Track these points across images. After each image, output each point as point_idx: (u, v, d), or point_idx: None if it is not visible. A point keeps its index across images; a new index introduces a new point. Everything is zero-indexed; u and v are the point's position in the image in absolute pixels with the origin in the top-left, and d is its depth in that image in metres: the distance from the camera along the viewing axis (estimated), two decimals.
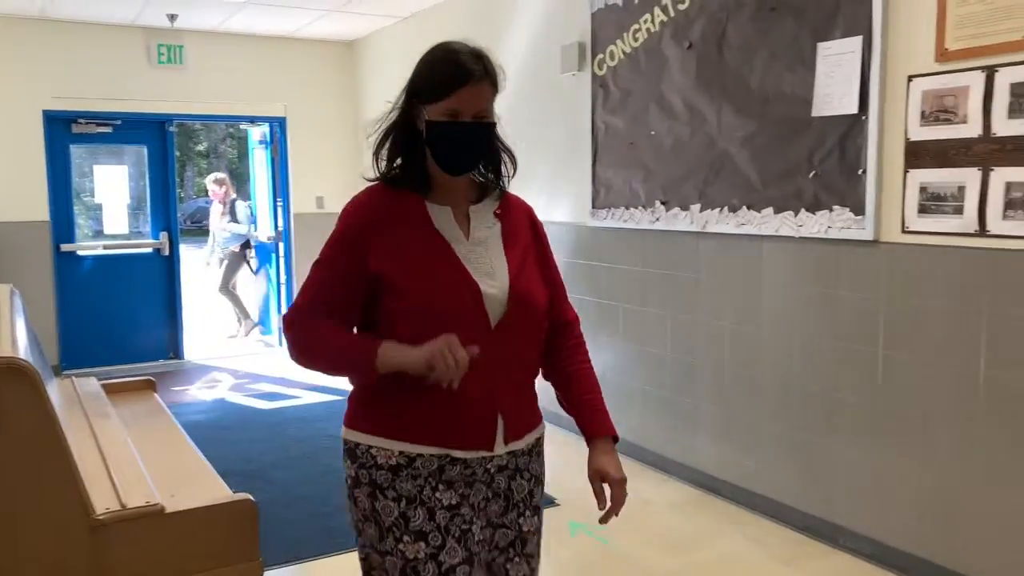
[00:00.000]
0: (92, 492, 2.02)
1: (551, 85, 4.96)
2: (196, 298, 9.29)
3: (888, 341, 3.16)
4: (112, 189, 6.99)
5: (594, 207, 4.66)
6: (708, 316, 3.96)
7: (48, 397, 1.94)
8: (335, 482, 4.24)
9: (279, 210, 7.65)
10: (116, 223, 7.03)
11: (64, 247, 6.71)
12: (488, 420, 1.62)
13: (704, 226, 3.93)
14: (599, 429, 1.73)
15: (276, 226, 7.70)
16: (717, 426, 3.98)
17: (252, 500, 2.13)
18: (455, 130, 1.58)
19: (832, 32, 3.28)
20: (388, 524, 1.59)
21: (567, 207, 4.91)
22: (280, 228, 7.66)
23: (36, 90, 6.46)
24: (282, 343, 7.75)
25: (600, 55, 4.54)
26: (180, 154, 21.28)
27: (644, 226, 4.30)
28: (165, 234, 7.11)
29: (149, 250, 7.10)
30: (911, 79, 3.01)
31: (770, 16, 3.54)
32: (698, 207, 3.96)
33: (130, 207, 7.09)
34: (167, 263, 7.16)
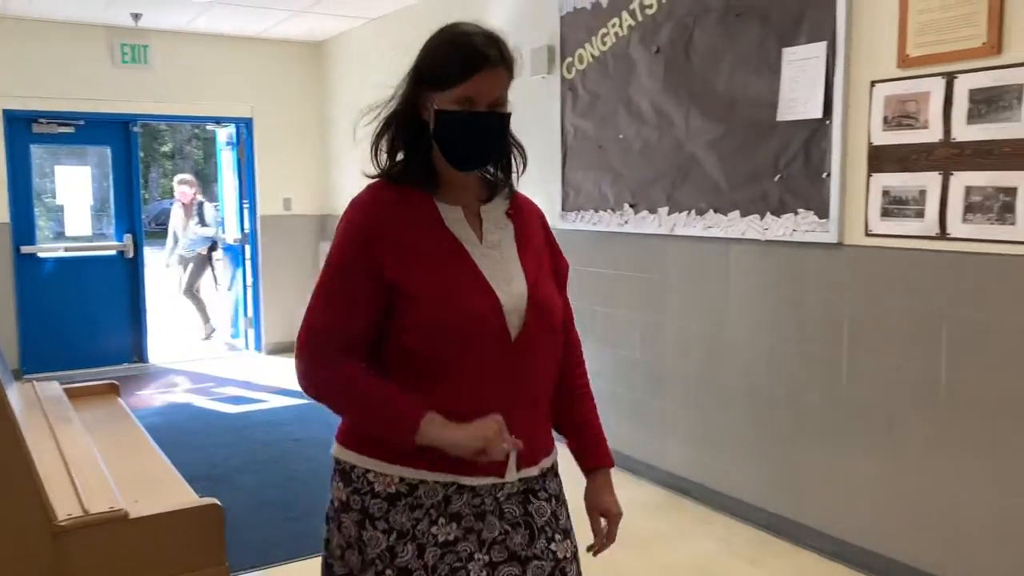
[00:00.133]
0: (53, 498, 1.98)
1: (520, 88, 4.93)
2: (160, 301, 9.17)
3: (852, 342, 3.20)
4: (74, 190, 6.87)
5: (563, 209, 4.67)
6: (676, 318, 3.99)
7: (7, 401, 1.90)
8: (302, 486, 4.23)
9: (245, 212, 7.58)
10: (78, 225, 6.91)
11: (24, 249, 6.58)
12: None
13: (672, 229, 3.96)
14: (602, 460, 1.63)
15: (243, 228, 7.63)
16: (686, 428, 4.01)
17: (218, 505, 2.11)
18: (468, 120, 1.42)
19: (797, 37, 3.33)
20: (372, 556, 1.45)
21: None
22: (247, 230, 7.59)
23: None
24: (246, 346, 7.68)
25: (569, 58, 4.56)
26: (145, 155, 20.97)
27: (613, 229, 4.32)
28: (129, 236, 7.00)
29: (112, 252, 7.00)
30: (874, 84, 3.06)
31: (736, 21, 3.58)
32: (666, 210, 3.99)
33: (93, 208, 6.98)
34: (131, 265, 7.05)
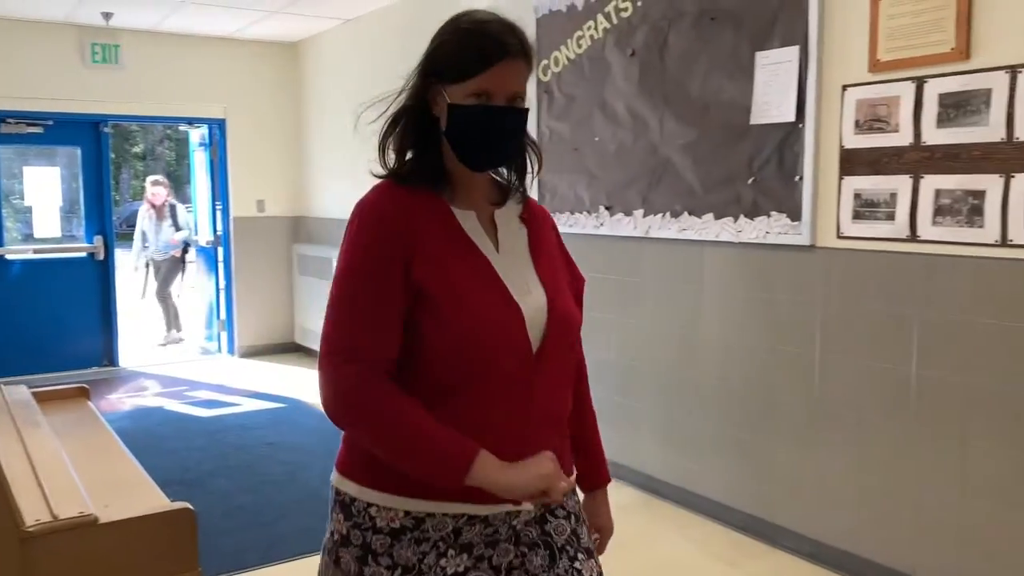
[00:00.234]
0: (21, 503, 1.95)
1: None
2: (132, 303, 9.06)
3: (824, 343, 3.24)
4: (43, 191, 6.77)
5: None
6: (651, 320, 4.00)
7: None
8: (275, 490, 4.20)
9: (218, 213, 7.51)
10: (47, 227, 6.81)
11: None
12: None
13: (647, 231, 3.97)
14: (604, 479, 1.59)
15: (215, 230, 7.56)
16: (660, 429, 4.02)
17: (191, 509, 2.08)
18: (485, 116, 1.32)
19: (770, 42, 3.36)
20: None
21: None
22: (219, 232, 7.52)
23: None
24: (219, 349, 7.61)
25: (545, 61, 4.56)
26: (116, 156, 20.76)
27: (589, 231, 4.33)
28: (100, 238, 6.92)
29: (83, 254, 6.90)
30: (845, 88, 3.09)
31: (710, 25, 3.60)
32: (641, 212, 4.00)
33: (63, 210, 6.89)
34: (101, 268, 6.96)
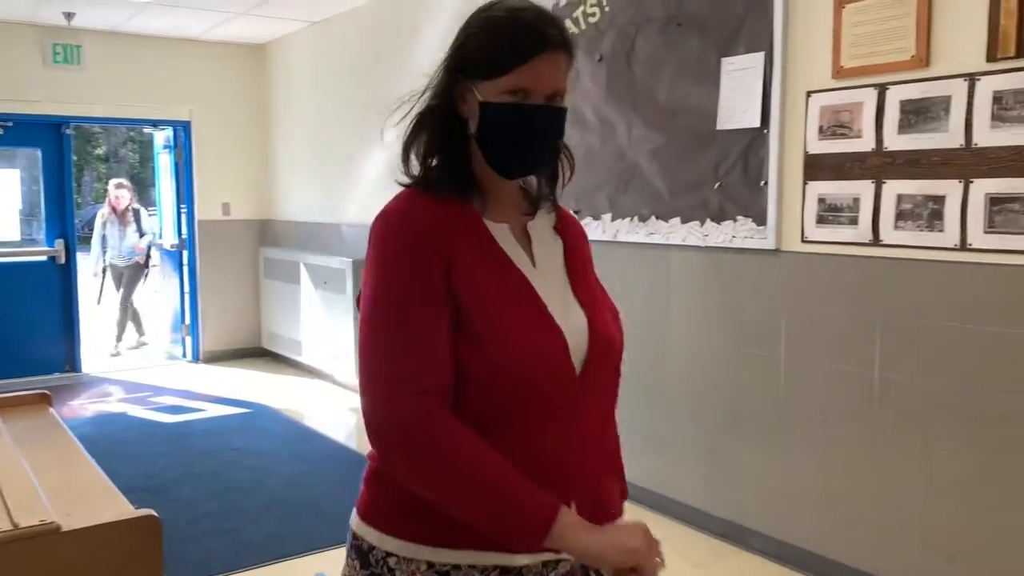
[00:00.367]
0: None
1: None
2: (89, 310, 8.91)
3: (789, 346, 3.28)
4: (2, 194, 6.64)
5: None
6: None
7: None
8: (241, 496, 4.16)
9: (183, 217, 7.42)
10: (6, 230, 6.68)
11: None
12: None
13: (615, 235, 4.00)
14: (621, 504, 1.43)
15: (180, 233, 7.46)
16: (628, 432, 4.02)
17: (155, 516, 2.05)
18: (522, 115, 1.19)
19: (735, 48, 3.40)
20: None
21: None
22: (184, 235, 7.43)
23: None
24: (183, 354, 7.50)
25: None
26: (78, 158, 20.42)
27: None
28: (61, 242, 6.80)
29: (43, 258, 6.78)
30: (809, 95, 3.14)
31: (677, 31, 3.64)
32: (609, 216, 4.03)
33: (22, 213, 6.76)
34: (63, 272, 6.84)
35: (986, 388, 2.68)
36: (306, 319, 6.65)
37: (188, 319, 7.46)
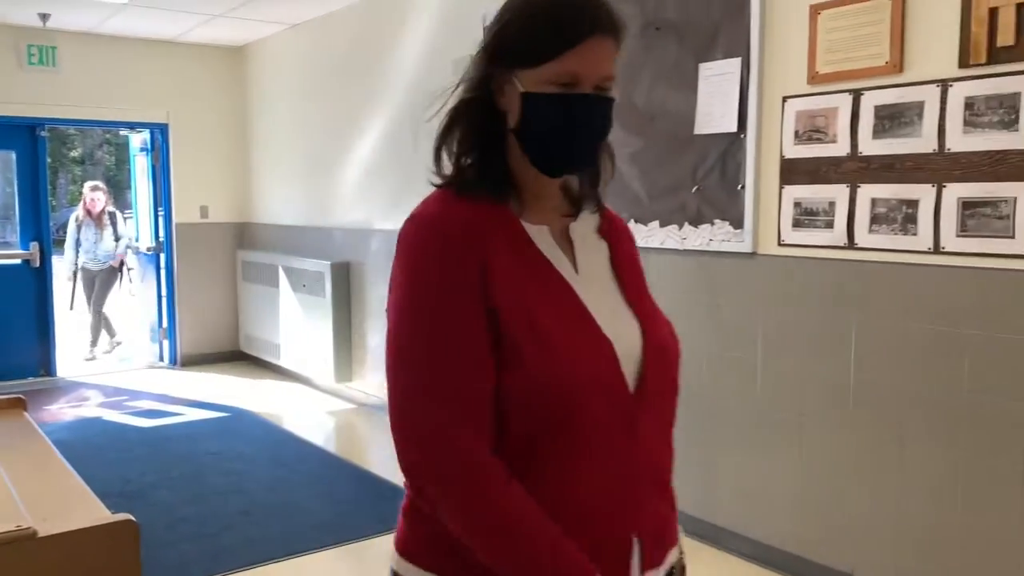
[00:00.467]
0: None
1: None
2: (62, 314, 8.81)
3: (766, 348, 3.31)
4: None
5: None
6: None
7: None
8: (219, 501, 4.13)
9: (160, 220, 7.36)
10: None
11: None
12: (621, 546, 1.11)
13: None
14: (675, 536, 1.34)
15: (157, 236, 7.41)
16: None
17: (133, 521, 2.04)
18: (570, 106, 1.08)
19: (713, 53, 3.43)
20: None
21: None
22: (161, 239, 7.37)
23: None
24: (160, 358, 7.44)
25: None
26: (52, 160, 20.18)
27: None
28: (36, 245, 6.73)
29: (17, 261, 6.70)
30: (785, 100, 3.17)
31: (655, 36, 3.66)
32: None
33: None
34: (38, 275, 6.77)
35: (959, 389, 2.72)
36: (285, 322, 6.62)
37: (165, 323, 7.40)
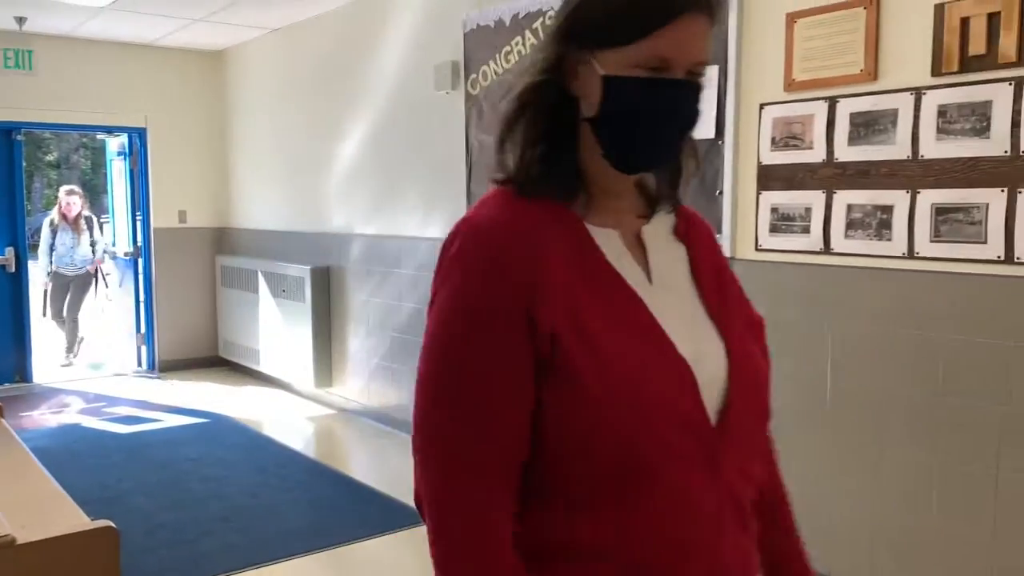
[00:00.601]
0: None
1: (425, 102, 4.98)
2: (42, 318, 8.72)
3: None
4: None
5: None
6: None
7: None
8: (198, 507, 4.11)
9: (138, 224, 7.31)
10: None
11: None
12: None
13: None
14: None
15: (135, 241, 7.35)
16: None
17: (113, 527, 2.04)
18: (659, 93, 0.94)
19: None
20: None
21: (442, 223, 4.93)
22: (139, 243, 7.32)
23: None
24: (139, 364, 7.39)
25: (473, 75, 4.60)
26: (28, 164, 19.97)
27: None
28: (11, 250, 6.66)
29: None
30: (763, 107, 3.21)
31: None
32: None
33: None
34: (13, 280, 6.70)
35: (934, 392, 2.76)
36: (264, 327, 6.59)
37: (143, 328, 7.35)
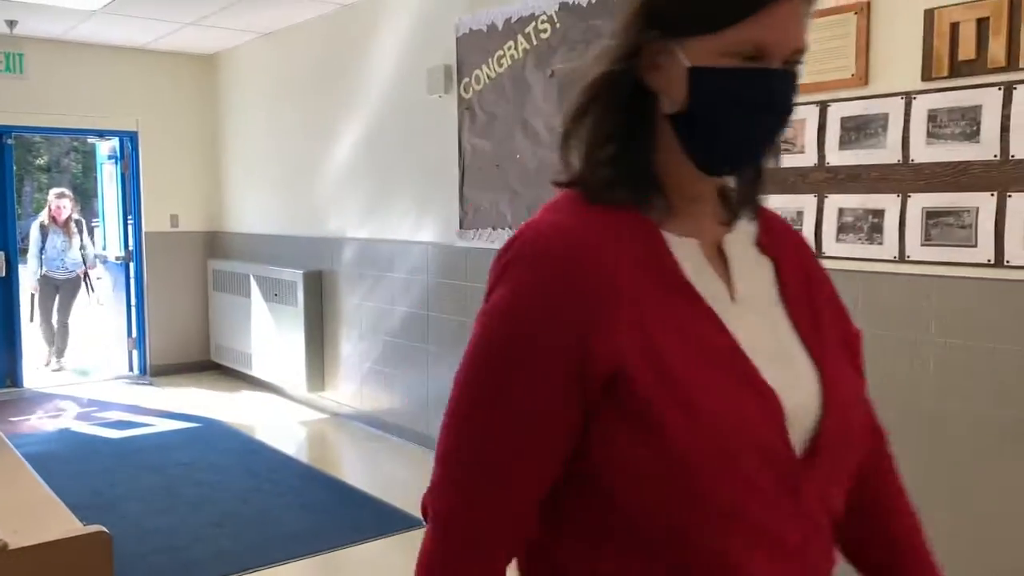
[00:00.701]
0: None
1: (418, 106, 4.99)
2: (30, 324, 8.68)
3: None
4: None
5: (461, 227, 4.71)
6: None
7: None
8: (191, 512, 4.10)
9: (129, 228, 7.28)
10: None
11: None
12: None
13: None
14: None
15: (126, 245, 7.33)
16: None
17: (106, 532, 2.03)
18: (756, 85, 0.83)
19: None
20: None
21: (434, 227, 4.94)
22: (131, 248, 7.30)
23: None
24: (130, 368, 7.37)
25: (466, 79, 4.61)
26: (18, 168, 19.91)
27: None
28: (1, 254, 6.63)
29: None
30: None
31: None
32: None
33: None
34: (3, 284, 6.67)
35: (923, 395, 2.77)
36: (256, 332, 6.58)
37: (135, 332, 7.33)
